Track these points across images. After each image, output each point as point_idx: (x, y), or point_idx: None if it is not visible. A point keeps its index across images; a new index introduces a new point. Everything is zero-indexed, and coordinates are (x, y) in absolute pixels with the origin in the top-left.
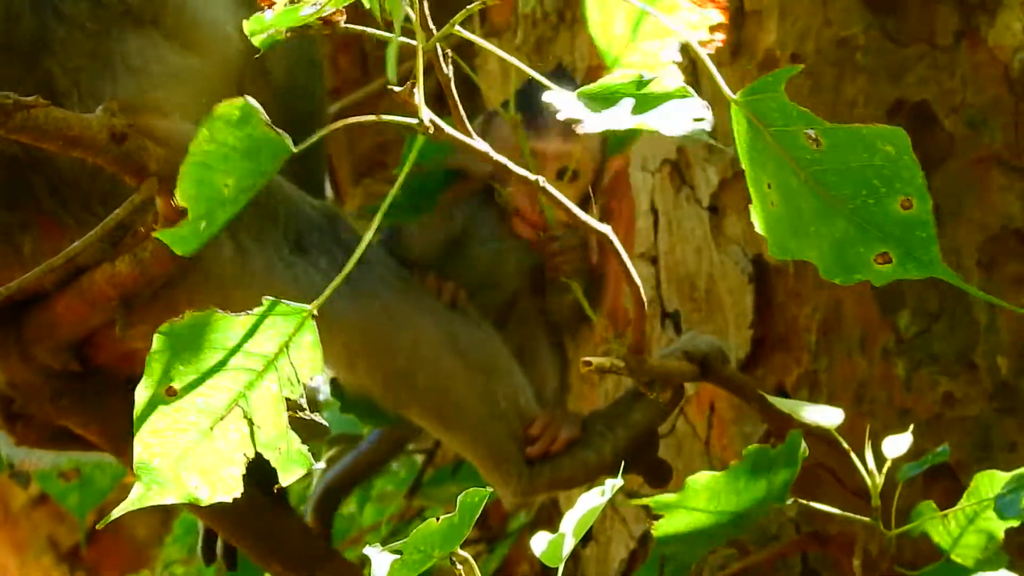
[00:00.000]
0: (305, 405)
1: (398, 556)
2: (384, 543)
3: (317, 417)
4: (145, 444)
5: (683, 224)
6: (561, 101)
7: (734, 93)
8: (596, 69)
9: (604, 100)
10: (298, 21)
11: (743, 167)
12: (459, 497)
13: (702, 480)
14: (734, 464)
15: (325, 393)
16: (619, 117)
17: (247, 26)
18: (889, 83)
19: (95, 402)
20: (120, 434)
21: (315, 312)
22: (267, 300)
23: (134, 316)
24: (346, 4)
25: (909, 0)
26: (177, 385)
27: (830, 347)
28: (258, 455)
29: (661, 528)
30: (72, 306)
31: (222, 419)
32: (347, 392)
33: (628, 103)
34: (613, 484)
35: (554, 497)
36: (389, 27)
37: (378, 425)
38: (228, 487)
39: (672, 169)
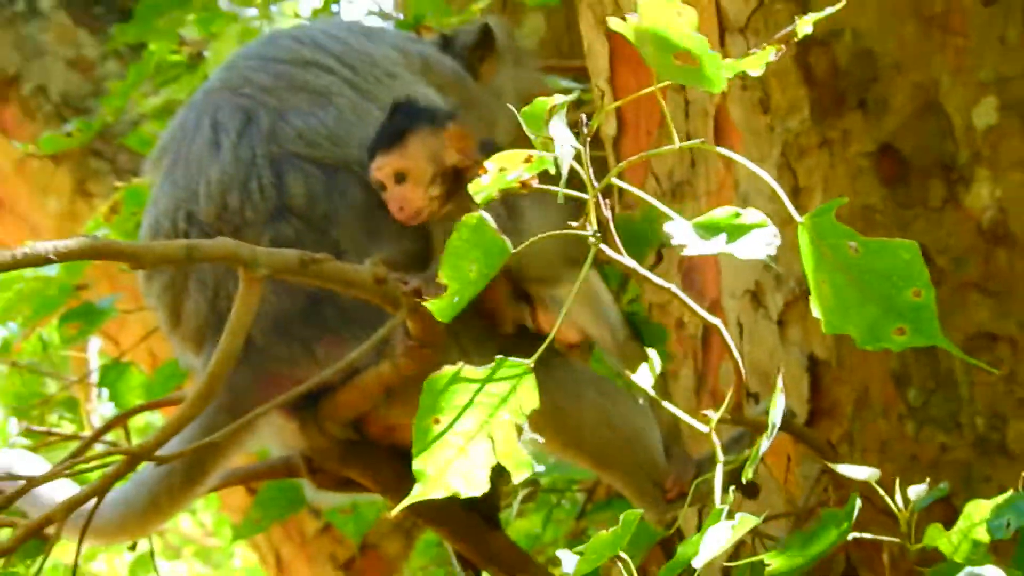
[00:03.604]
0: (526, 428)
1: (579, 556)
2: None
3: (537, 437)
4: (421, 459)
5: (760, 334)
6: (678, 230)
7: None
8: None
9: (708, 229)
10: (505, 185)
11: (805, 268)
12: (621, 516)
13: (799, 536)
14: (817, 523)
15: None
16: (717, 244)
17: (471, 188)
18: (900, 234)
19: (369, 460)
20: (386, 481)
21: (532, 366)
22: (498, 358)
23: (392, 401)
24: (538, 171)
25: (911, 176)
26: (441, 417)
27: (861, 415)
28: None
29: (774, 566)
30: (351, 396)
31: (472, 439)
32: None
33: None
34: (744, 519)
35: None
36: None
37: None
38: (478, 485)
39: (751, 296)
